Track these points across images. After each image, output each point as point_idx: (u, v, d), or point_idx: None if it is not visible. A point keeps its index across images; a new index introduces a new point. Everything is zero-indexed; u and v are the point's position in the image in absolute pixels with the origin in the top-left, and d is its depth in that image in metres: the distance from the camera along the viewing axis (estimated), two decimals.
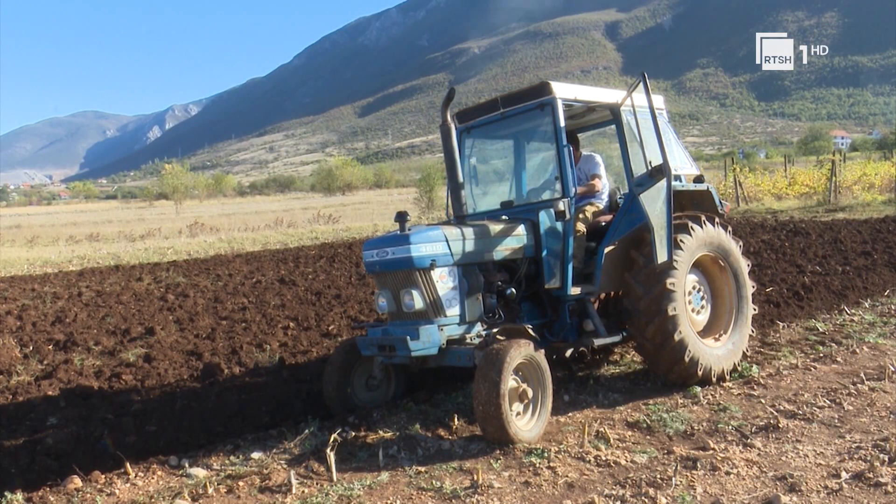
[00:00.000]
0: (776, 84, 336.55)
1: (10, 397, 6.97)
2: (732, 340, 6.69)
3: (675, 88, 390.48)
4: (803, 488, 4.24)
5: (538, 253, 6.30)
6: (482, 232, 6.05)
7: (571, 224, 6.20)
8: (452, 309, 5.78)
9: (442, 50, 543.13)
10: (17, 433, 5.94)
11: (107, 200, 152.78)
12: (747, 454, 4.86)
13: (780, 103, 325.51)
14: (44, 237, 37.19)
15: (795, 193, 30.44)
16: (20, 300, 14.02)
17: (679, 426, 5.49)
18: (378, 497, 4.45)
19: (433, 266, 5.60)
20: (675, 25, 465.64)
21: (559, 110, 6.19)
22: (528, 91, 6.48)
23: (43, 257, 24.65)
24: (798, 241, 16.02)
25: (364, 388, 6.35)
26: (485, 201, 7.42)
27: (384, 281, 5.89)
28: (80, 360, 8.36)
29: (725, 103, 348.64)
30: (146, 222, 47.57)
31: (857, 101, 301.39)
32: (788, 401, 5.98)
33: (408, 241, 5.52)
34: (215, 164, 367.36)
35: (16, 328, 10.72)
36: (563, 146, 6.13)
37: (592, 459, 4.93)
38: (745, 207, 28.65)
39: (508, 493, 4.45)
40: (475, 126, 7.17)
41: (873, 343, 7.68)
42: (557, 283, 6.26)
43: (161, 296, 13.62)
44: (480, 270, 6.04)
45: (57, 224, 52.80)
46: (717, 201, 7.10)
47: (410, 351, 5.38)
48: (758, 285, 10.88)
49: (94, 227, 43.19)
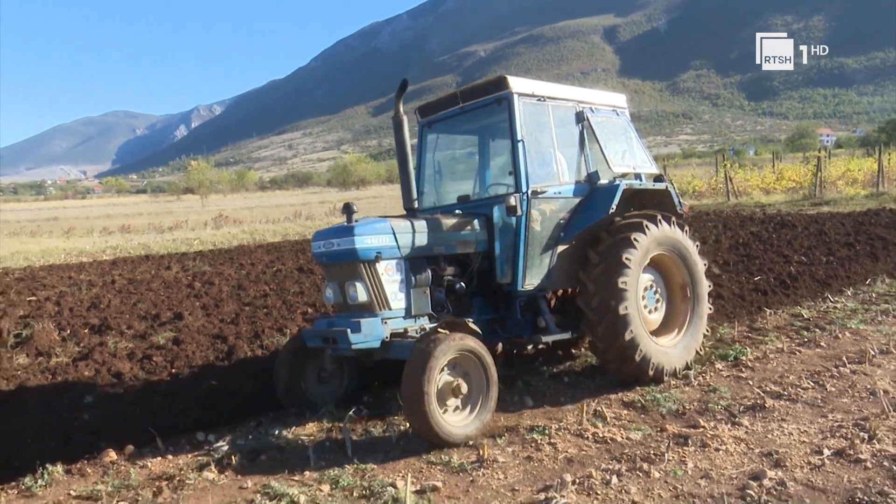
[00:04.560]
0: (765, 85, 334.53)
1: (49, 377, 7.03)
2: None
3: (669, 89, 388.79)
4: (788, 464, 4.25)
5: (491, 248, 5.95)
6: (433, 226, 5.70)
7: (524, 220, 5.76)
8: (398, 302, 5.42)
9: (450, 53, 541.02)
10: (57, 410, 5.99)
11: (137, 195, 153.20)
12: (735, 432, 4.86)
13: (768, 103, 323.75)
14: (79, 229, 37.37)
15: (783, 188, 30.29)
16: (58, 287, 14.10)
17: (671, 406, 5.50)
18: (391, 471, 4.48)
19: (378, 259, 5.27)
20: (670, 29, 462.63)
21: (515, 105, 5.82)
22: (486, 85, 6.10)
23: (78, 247, 24.77)
24: (785, 233, 15.94)
25: (316, 381, 5.94)
26: (446, 196, 6.93)
27: (331, 272, 5.54)
28: (113, 343, 8.41)
29: (717, 103, 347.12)
30: (174, 215, 47.70)
31: (842, 101, 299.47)
32: (774, 382, 5.97)
33: (352, 233, 5.19)
34: (238, 161, 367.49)
35: (54, 313, 10.78)
36: (518, 141, 5.77)
37: (590, 436, 4.94)
38: (734, 201, 28.48)
39: (512, 467, 4.47)
40: (437, 120, 6.76)
41: (855, 329, 7.65)
42: (508, 279, 5.88)
43: (188, 283, 13.67)
44: (429, 264, 5.70)
45: (91, 217, 53.00)
46: (676, 200, 6.69)
47: (351, 344, 5.03)
48: (745, 274, 10.88)
49: (125, 219, 43.35)
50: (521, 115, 5.85)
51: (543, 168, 6.09)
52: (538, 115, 6.09)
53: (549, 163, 6.14)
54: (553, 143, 6.16)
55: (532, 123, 6.00)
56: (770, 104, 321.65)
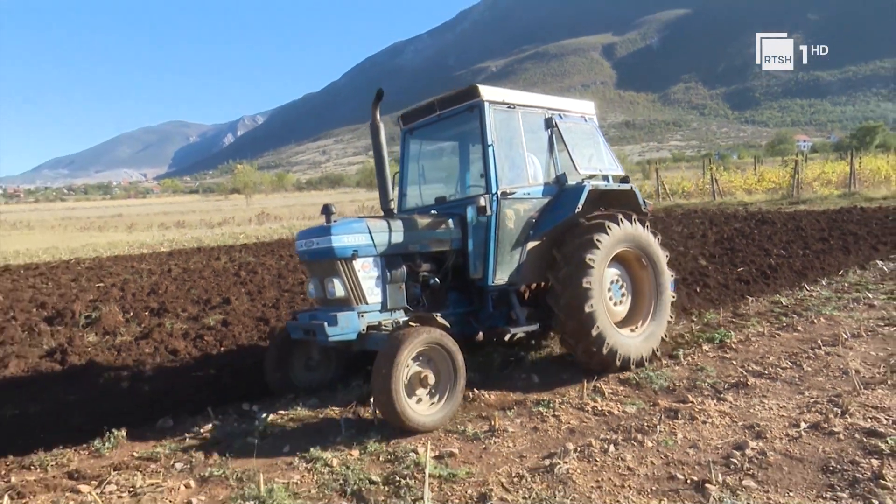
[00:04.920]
0: (748, 96, 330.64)
1: (115, 353, 7.11)
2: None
3: (661, 100, 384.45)
4: (768, 435, 4.19)
5: (465, 246, 5.69)
6: (408, 225, 5.48)
7: (494, 219, 5.52)
8: (374, 297, 5.20)
9: (465, 68, 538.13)
10: (121, 383, 6.06)
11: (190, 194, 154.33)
12: (721, 407, 4.80)
13: (750, 112, 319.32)
14: (140, 224, 37.76)
15: (763, 188, 29.81)
16: (122, 275, 14.26)
17: (663, 383, 5.44)
18: (412, 438, 4.47)
19: (355, 256, 5.07)
20: (662, 46, 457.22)
21: (486, 112, 5.57)
22: (459, 94, 5.83)
23: (140, 240, 25.03)
24: (765, 229, 15.71)
25: (304, 369, 5.79)
26: (427, 198, 6.57)
27: (312, 269, 5.32)
28: (170, 324, 8.49)
29: (704, 112, 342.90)
30: (222, 212, 48.05)
31: (817, 111, 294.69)
32: (756, 362, 5.89)
33: (329, 233, 5.00)
34: (278, 164, 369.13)
35: (119, 297, 10.90)
36: (489, 145, 5.52)
37: (590, 409, 4.90)
38: (720, 200, 28.10)
39: (520, 436, 4.45)
40: (417, 127, 6.48)
41: (829, 315, 7.52)
42: (480, 275, 5.64)
43: (235, 272, 13.76)
44: (405, 261, 5.46)
45: (150, 214, 53.52)
46: (640, 200, 6.42)
47: (328, 336, 4.85)
48: (729, 265, 10.75)
49: (180, 216, 43.74)
50: (492, 122, 5.61)
51: (514, 171, 5.84)
52: (509, 122, 5.82)
53: (519, 166, 5.88)
54: (523, 147, 5.88)
55: (503, 129, 5.75)
56: (752, 113, 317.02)
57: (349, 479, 3.81)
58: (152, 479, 3.91)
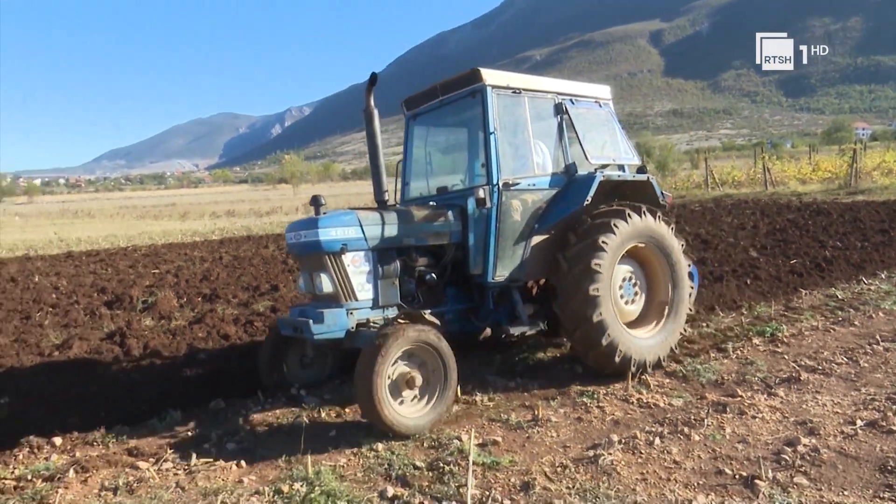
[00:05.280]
0: (803, 82, 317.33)
1: (170, 337, 7.35)
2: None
3: (710, 87, 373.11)
4: (822, 432, 4.05)
5: (466, 239, 5.33)
6: (404, 217, 5.15)
7: (494, 211, 5.16)
8: (365, 293, 4.93)
9: (509, 58, 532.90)
10: (176, 365, 6.26)
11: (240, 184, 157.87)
12: (771, 402, 4.67)
13: (806, 99, 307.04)
14: (192, 213, 38.86)
15: (819, 178, 28.66)
16: (176, 262, 14.71)
17: (711, 376, 5.32)
18: (456, 425, 4.50)
19: (344, 250, 4.79)
20: (713, 32, 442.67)
21: (489, 97, 5.22)
22: (461, 78, 5.46)
23: (192, 228, 25.78)
24: (820, 220, 15.13)
25: (298, 366, 5.54)
26: (431, 187, 6.19)
27: (302, 263, 5.09)
28: (222, 310, 8.71)
29: (756, 100, 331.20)
30: (270, 202, 49.01)
31: (878, 97, 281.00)
32: (809, 357, 5.69)
33: (316, 226, 4.73)
34: (324, 155, 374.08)
35: (173, 283, 11.26)
36: (490, 133, 5.16)
37: (635, 401, 4.84)
38: (772, 190, 27.14)
39: (564, 426, 4.43)
40: (421, 113, 6.13)
41: (888, 309, 7.20)
42: (479, 270, 5.29)
43: (283, 260, 14.05)
44: (399, 255, 5.16)
45: (202, 203, 55.00)
46: (657, 192, 5.92)
47: (313, 334, 4.60)
48: (782, 257, 10.40)
49: (230, 205, 44.83)
50: (495, 108, 5.26)
51: (519, 160, 5.50)
52: (514, 107, 5.44)
53: (524, 155, 5.52)
54: (529, 134, 5.49)
55: (507, 115, 5.39)
56: (807, 100, 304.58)
57: (394, 463, 3.87)
58: (206, 458, 4.05)
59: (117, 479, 3.78)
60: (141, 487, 3.69)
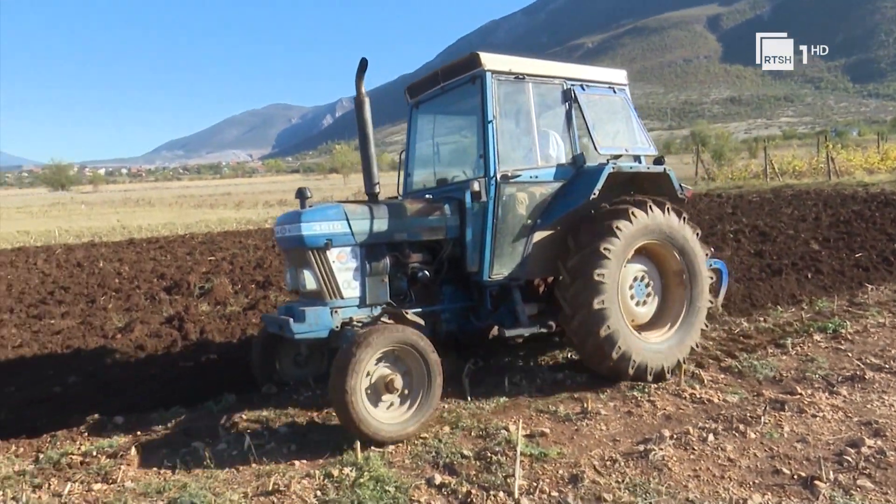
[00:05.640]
0: (871, 67, 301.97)
1: (225, 322, 7.57)
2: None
3: (770, 73, 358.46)
4: (888, 434, 3.86)
5: (463, 234, 5.01)
6: (394, 211, 4.86)
7: (491, 206, 4.82)
8: (351, 291, 4.67)
9: (559, 46, 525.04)
10: (230, 350, 6.46)
11: (292, 174, 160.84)
12: (833, 400, 4.47)
13: (874, 85, 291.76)
14: (247, 202, 39.86)
15: (887, 168, 27.18)
16: (231, 249, 15.13)
17: (768, 372, 5.14)
18: (503, 416, 4.48)
19: (329, 246, 4.55)
20: (773, 16, 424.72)
21: (488, 84, 4.88)
22: (461, 63, 5.12)
23: (246, 217, 26.45)
24: (889, 212, 14.35)
25: (292, 365, 5.36)
26: (433, 179, 5.83)
27: (288, 257, 4.86)
28: (274, 297, 8.91)
29: (820, 86, 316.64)
30: (321, 191, 49.71)
31: None
32: (875, 355, 5.43)
33: (299, 220, 4.51)
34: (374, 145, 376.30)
35: (229, 271, 11.58)
36: (488, 122, 4.82)
37: (688, 397, 4.71)
38: (835, 181, 25.91)
39: (613, 420, 4.36)
40: (423, 101, 5.82)
41: None
42: (475, 268, 4.96)
43: None
44: (390, 251, 4.87)
45: (256, 192, 56.35)
46: (675, 185, 5.45)
47: (294, 333, 4.39)
48: (846, 251, 9.93)
49: (283, 194, 45.71)
50: (495, 95, 4.91)
51: (521, 150, 5.14)
52: (516, 94, 5.10)
53: (527, 145, 5.16)
54: (533, 123, 5.13)
55: (509, 103, 5.06)
56: (876, 86, 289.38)
57: (441, 451, 3.88)
58: (259, 440, 4.15)
59: (175, 458, 3.93)
60: (197, 466, 3.82)
